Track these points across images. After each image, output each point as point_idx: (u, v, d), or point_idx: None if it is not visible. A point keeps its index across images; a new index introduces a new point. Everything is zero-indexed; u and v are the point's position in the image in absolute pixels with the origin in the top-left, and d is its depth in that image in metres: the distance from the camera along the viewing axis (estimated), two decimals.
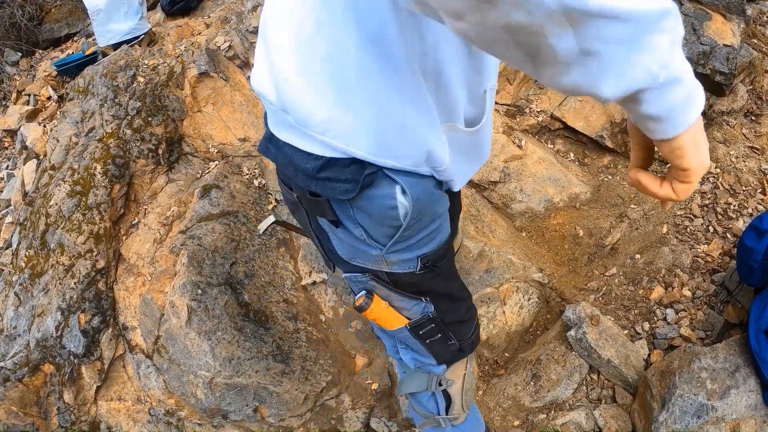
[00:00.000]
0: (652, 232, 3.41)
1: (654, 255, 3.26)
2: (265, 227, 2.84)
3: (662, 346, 2.84)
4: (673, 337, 2.84)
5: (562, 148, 3.80)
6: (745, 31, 3.81)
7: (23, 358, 3.24)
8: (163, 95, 3.57)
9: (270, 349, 2.96)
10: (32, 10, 5.22)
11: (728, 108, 3.75)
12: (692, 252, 3.17)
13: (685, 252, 3.17)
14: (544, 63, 0.73)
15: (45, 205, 3.53)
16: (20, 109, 4.34)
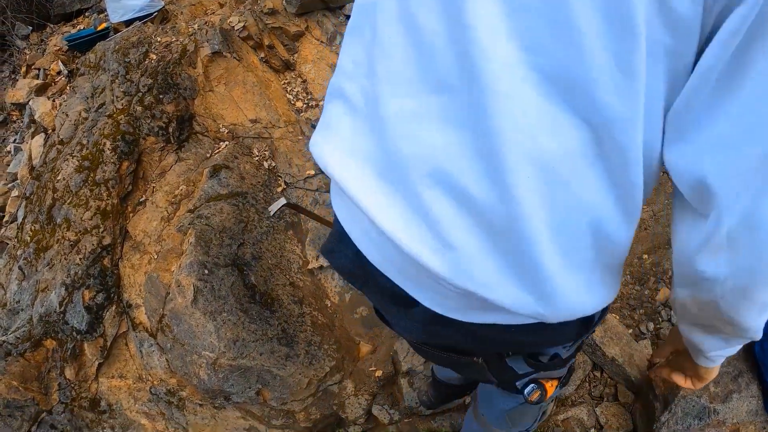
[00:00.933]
0: (660, 234, 3.30)
1: (661, 256, 3.16)
2: (275, 209, 2.70)
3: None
4: None
5: None
6: None
7: (26, 332, 3.10)
8: (175, 73, 3.41)
9: (275, 332, 2.83)
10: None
11: None
12: None
13: None
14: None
15: (52, 179, 3.37)
16: (30, 83, 4.17)
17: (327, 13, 3.88)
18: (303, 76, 3.70)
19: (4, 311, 3.29)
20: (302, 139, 3.44)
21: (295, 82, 3.67)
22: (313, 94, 3.63)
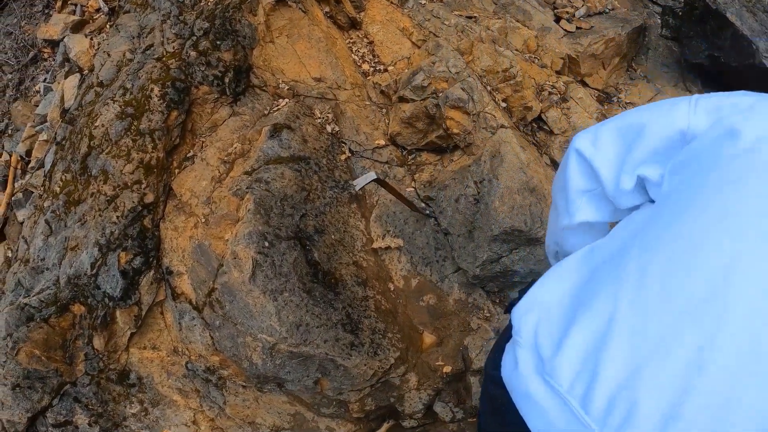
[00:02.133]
0: None
1: None
2: (363, 184, 2.21)
3: None
4: None
5: None
6: None
7: (51, 295, 2.59)
8: (234, 19, 2.86)
9: (339, 317, 2.35)
10: None
11: None
12: None
13: None
14: None
15: (89, 125, 2.83)
16: (65, 18, 3.56)
17: None
18: (369, 37, 3.17)
19: (27, 269, 2.77)
20: (369, 105, 2.93)
21: (360, 43, 3.13)
22: (380, 58, 3.11)
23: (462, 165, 2.64)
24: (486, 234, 2.50)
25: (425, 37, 3.05)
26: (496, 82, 2.86)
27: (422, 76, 2.74)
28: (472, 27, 3.10)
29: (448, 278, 2.60)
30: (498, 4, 3.33)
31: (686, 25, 3.37)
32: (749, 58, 2.98)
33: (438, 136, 2.73)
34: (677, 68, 3.52)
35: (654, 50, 3.60)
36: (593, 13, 3.51)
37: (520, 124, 2.88)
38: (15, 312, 2.63)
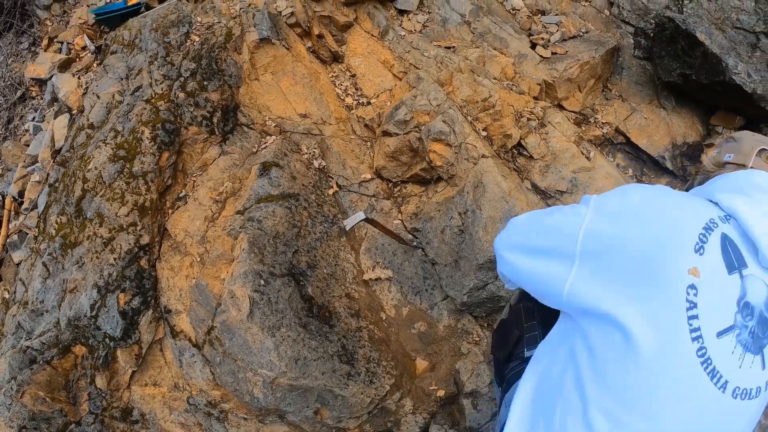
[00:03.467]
0: None
1: None
2: (353, 224, 2.31)
3: None
4: None
5: (622, 163, 3.35)
6: None
7: (52, 337, 2.67)
8: (220, 58, 2.95)
9: (335, 349, 2.46)
10: None
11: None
12: None
13: None
14: None
15: (82, 168, 2.91)
16: (52, 57, 3.63)
17: (378, 5, 3.46)
18: (352, 70, 3.27)
19: (27, 311, 2.84)
20: (354, 139, 3.03)
21: (343, 76, 3.23)
22: (363, 90, 3.21)
23: (446, 196, 2.76)
24: (472, 263, 2.61)
25: (406, 69, 3.16)
26: (476, 111, 2.98)
27: (404, 110, 2.85)
28: (450, 57, 3.21)
29: (438, 306, 2.71)
30: (475, 33, 3.44)
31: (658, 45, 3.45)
32: (719, 75, 3.06)
33: (422, 169, 2.84)
34: (651, 87, 3.63)
35: (628, 70, 3.72)
36: (568, 37, 3.63)
37: (500, 151, 3.00)
38: (18, 355, 2.70)
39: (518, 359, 1.71)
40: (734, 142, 1.51)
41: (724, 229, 1.18)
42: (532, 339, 1.72)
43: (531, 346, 1.70)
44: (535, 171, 3.04)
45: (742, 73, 3.00)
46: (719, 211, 1.23)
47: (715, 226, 1.18)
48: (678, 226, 1.16)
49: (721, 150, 1.53)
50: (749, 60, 3.11)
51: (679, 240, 1.14)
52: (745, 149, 1.46)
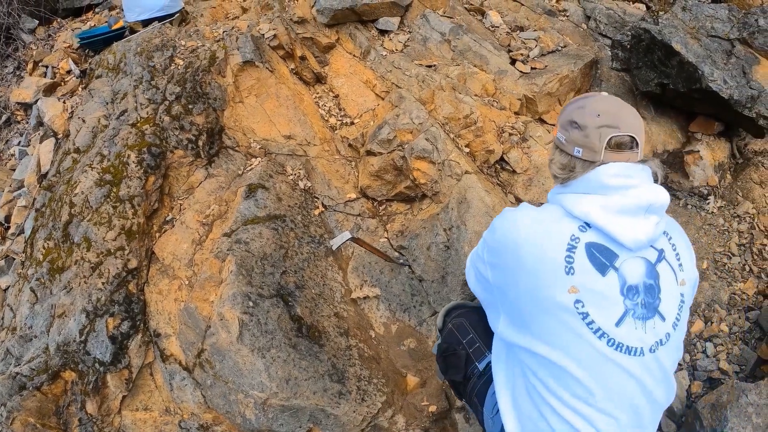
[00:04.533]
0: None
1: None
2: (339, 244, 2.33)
3: (701, 378, 2.73)
4: (712, 370, 2.73)
5: None
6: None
7: (41, 363, 2.66)
8: (204, 82, 2.97)
9: (326, 368, 2.47)
10: None
11: (761, 148, 3.49)
12: (729, 289, 3.00)
13: (723, 288, 3.00)
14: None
15: (69, 192, 2.91)
16: (37, 81, 3.63)
17: (359, 26, 3.50)
18: (335, 91, 3.31)
19: (15, 337, 2.83)
20: (338, 159, 3.06)
21: (326, 97, 3.27)
22: (346, 111, 3.24)
23: (431, 213, 2.79)
24: (458, 278, 2.65)
25: (388, 89, 3.20)
26: (458, 128, 3.02)
27: (387, 129, 2.88)
28: (432, 76, 3.25)
29: (426, 322, 2.73)
30: (455, 51, 3.49)
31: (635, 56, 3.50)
32: (696, 83, 3.10)
33: (406, 187, 2.88)
34: (630, 97, 3.67)
35: (606, 82, 3.78)
36: (547, 52, 3.69)
37: (483, 167, 3.04)
38: (7, 382, 2.69)
39: (474, 376, 1.87)
40: (580, 130, 1.49)
41: (587, 238, 1.40)
42: (477, 351, 1.89)
43: (480, 358, 1.87)
44: (518, 185, 3.08)
45: (718, 80, 3.05)
46: (577, 221, 1.43)
47: (577, 241, 1.40)
48: (546, 259, 1.40)
49: (569, 139, 1.51)
50: (725, 67, 3.16)
51: (552, 271, 1.39)
52: (593, 142, 1.46)
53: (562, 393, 1.40)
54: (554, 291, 1.38)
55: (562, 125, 1.56)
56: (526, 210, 1.52)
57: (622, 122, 1.47)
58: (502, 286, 1.52)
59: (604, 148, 1.46)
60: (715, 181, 3.27)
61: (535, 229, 1.45)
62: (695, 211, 3.28)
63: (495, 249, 1.55)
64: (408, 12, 3.67)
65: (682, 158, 3.35)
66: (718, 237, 3.19)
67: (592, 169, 1.46)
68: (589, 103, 1.51)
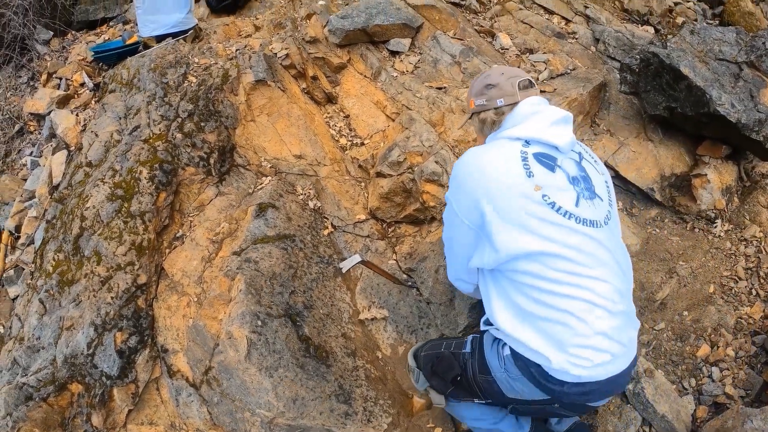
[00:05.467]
0: (699, 291, 3.14)
1: (701, 313, 3.02)
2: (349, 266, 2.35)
3: (707, 402, 2.69)
4: (718, 395, 2.70)
5: None
6: None
7: (48, 375, 2.68)
8: (217, 100, 3.01)
9: (333, 389, 2.49)
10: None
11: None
12: (736, 313, 2.99)
13: (729, 312, 2.98)
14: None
15: (80, 205, 2.94)
16: (51, 93, 3.67)
17: (370, 47, 3.54)
18: (345, 111, 3.34)
19: (23, 347, 2.85)
20: (348, 180, 3.08)
21: (337, 117, 3.30)
22: (357, 131, 3.27)
23: (440, 236, 2.81)
24: (466, 302, 2.67)
25: (398, 110, 3.23)
26: None
27: (398, 151, 2.91)
28: (442, 98, 3.28)
29: None
30: (465, 73, 3.52)
31: (643, 79, 3.50)
32: (704, 106, 3.10)
33: (416, 209, 2.90)
34: (638, 120, 3.68)
35: (615, 105, 3.79)
36: (556, 75, 3.72)
37: None
38: (13, 391, 2.71)
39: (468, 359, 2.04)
40: (495, 87, 1.96)
41: (532, 150, 1.81)
42: (457, 344, 2.12)
43: (461, 346, 2.09)
44: None
45: (726, 103, 3.05)
46: (519, 141, 1.84)
47: (525, 154, 1.79)
48: (510, 172, 1.75)
49: (490, 97, 1.96)
50: (732, 90, 3.16)
51: (517, 176, 1.74)
52: (508, 89, 1.94)
53: (560, 276, 1.69)
54: (525, 191, 1.72)
55: (476, 94, 2.02)
56: (473, 149, 1.90)
57: (519, 72, 2.00)
58: (481, 216, 1.78)
59: (518, 91, 1.93)
60: (722, 204, 3.28)
61: (491, 154, 1.82)
62: (702, 234, 3.29)
63: (463, 186, 1.84)
64: (419, 33, 3.70)
65: (690, 182, 3.35)
66: (725, 261, 3.20)
67: (516, 107, 1.92)
68: (490, 71, 2.04)
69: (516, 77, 1.95)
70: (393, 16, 3.57)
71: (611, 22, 4.34)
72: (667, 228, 3.33)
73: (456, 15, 3.94)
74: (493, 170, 1.76)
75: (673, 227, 3.33)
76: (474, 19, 4.09)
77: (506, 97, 1.93)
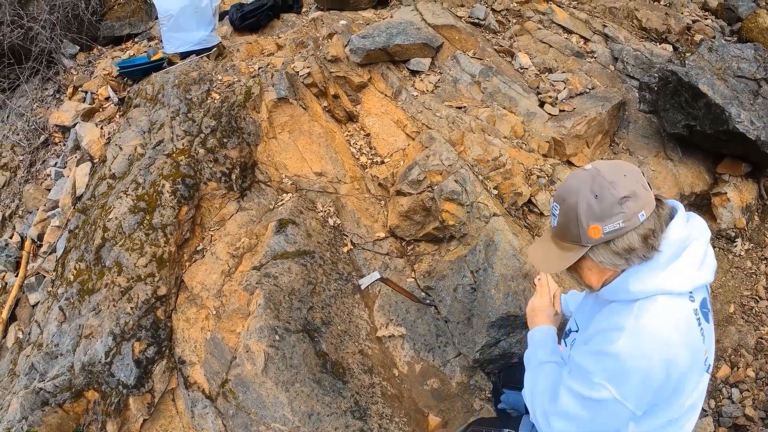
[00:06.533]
0: (719, 311, 3.11)
1: (721, 333, 3.00)
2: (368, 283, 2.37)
3: (727, 424, 2.69)
4: (738, 416, 2.69)
5: None
6: None
7: (66, 381, 2.71)
8: (239, 116, 3.05)
9: (348, 405, 2.49)
10: (95, 4, 4.58)
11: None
12: (757, 333, 2.96)
13: (750, 333, 2.96)
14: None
15: (103, 216, 2.98)
16: (77, 106, 3.75)
17: (391, 66, 3.57)
18: (366, 129, 3.37)
19: (41, 353, 2.89)
20: (368, 198, 3.10)
21: (358, 135, 3.33)
22: (377, 150, 3.29)
23: (458, 255, 2.82)
24: (484, 320, 2.66)
25: (419, 129, 3.25)
26: (487, 170, 3.05)
27: (418, 170, 2.93)
28: (462, 117, 3.30)
29: (450, 362, 2.75)
30: (485, 93, 3.54)
31: (662, 98, 3.51)
32: (723, 124, 3.10)
33: (435, 228, 2.91)
34: (658, 139, 3.68)
35: (634, 123, 3.78)
36: (575, 94, 3.73)
37: (511, 209, 3.07)
38: (30, 396, 2.73)
39: None
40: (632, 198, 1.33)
41: (697, 304, 1.38)
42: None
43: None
44: (545, 227, 3.09)
45: (745, 121, 3.05)
46: (685, 296, 1.37)
47: (696, 313, 1.37)
48: (696, 357, 1.37)
49: (629, 215, 1.32)
50: (751, 107, 3.17)
51: (699, 356, 1.38)
52: (644, 195, 1.34)
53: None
54: (701, 365, 1.40)
55: (609, 216, 1.32)
56: (645, 334, 1.33)
57: (626, 164, 1.41)
58: (654, 406, 1.42)
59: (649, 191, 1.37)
60: (742, 223, 3.26)
61: (675, 338, 1.34)
62: (722, 254, 3.27)
63: (649, 385, 1.35)
64: (439, 53, 3.74)
65: (710, 200, 3.34)
66: (746, 280, 3.17)
67: (667, 233, 1.38)
68: (608, 177, 1.34)
69: (635, 173, 1.38)
70: (413, 36, 3.60)
71: (630, 41, 4.35)
72: None
73: (475, 35, 3.97)
74: (685, 363, 1.34)
75: None
76: (493, 38, 4.12)
77: (647, 208, 1.34)
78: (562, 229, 1.41)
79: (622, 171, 1.35)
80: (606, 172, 1.35)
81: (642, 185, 1.35)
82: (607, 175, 1.34)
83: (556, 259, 1.45)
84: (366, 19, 4.01)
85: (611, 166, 1.37)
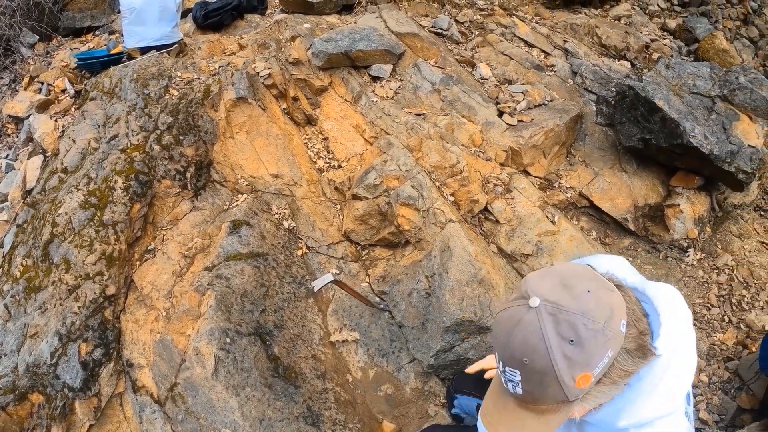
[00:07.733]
0: None
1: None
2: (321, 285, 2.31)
3: None
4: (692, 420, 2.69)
5: (586, 226, 3.42)
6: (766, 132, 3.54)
7: (9, 383, 2.58)
8: (197, 114, 2.96)
9: (301, 410, 2.44)
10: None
11: (740, 202, 3.56)
12: (709, 339, 3.03)
13: (702, 339, 3.02)
14: None
15: (52, 212, 2.86)
16: (31, 96, 3.59)
17: (352, 71, 3.53)
18: (324, 133, 3.31)
19: None
20: (324, 201, 3.04)
21: (316, 139, 3.27)
22: (334, 154, 3.24)
23: (413, 260, 2.78)
24: (438, 325, 2.63)
25: (377, 134, 3.21)
26: (444, 177, 3.03)
27: (374, 174, 2.88)
28: (421, 124, 3.28)
29: (404, 368, 2.71)
30: (445, 101, 3.53)
31: (619, 112, 3.54)
32: (678, 138, 3.14)
33: (390, 233, 2.87)
34: (613, 151, 3.71)
35: (591, 136, 3.81)
36: (533, 105, 3.74)
37: (467, 216, 3.05)
38: None
39: None
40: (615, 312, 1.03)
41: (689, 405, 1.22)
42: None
43: None
44: (501, 235, 3.08)
45: (699, 135, 3.10)
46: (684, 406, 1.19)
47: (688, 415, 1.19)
48: None
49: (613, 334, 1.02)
50: (706, 123, 3.22)
51: None
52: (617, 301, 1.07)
53: None
54: None
55: (596, 354, 1.01)
56: None
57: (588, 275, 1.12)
58: None
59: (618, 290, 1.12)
60: (695, 234, 3.32)
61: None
62: (675, 263, 3.32)
63: None
64: (401, 60, 3.71)
65: (663, 212, 3.39)
66: (698, 289, 3.23)
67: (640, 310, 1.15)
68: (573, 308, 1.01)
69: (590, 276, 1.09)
70: (376, 42, 3.57)
71: (589, 57, 4.40)
72: (640, 257, 3.36)
73: (438, 44, 3.95)
74: None
75: (646, 256, 3.36)
76: (455, 49, 4.12)
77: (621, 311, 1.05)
78: (534, 396, 1.07)
79: (581, 286, 1.04)
80: (565, 300, 1.02)
81: (607, 288, 1.07)
82: (571, 306, 1.01)
83: (538, 426, 1.10)
84: (330, 24, 3.96)
85: (564, 287, 1.05)
